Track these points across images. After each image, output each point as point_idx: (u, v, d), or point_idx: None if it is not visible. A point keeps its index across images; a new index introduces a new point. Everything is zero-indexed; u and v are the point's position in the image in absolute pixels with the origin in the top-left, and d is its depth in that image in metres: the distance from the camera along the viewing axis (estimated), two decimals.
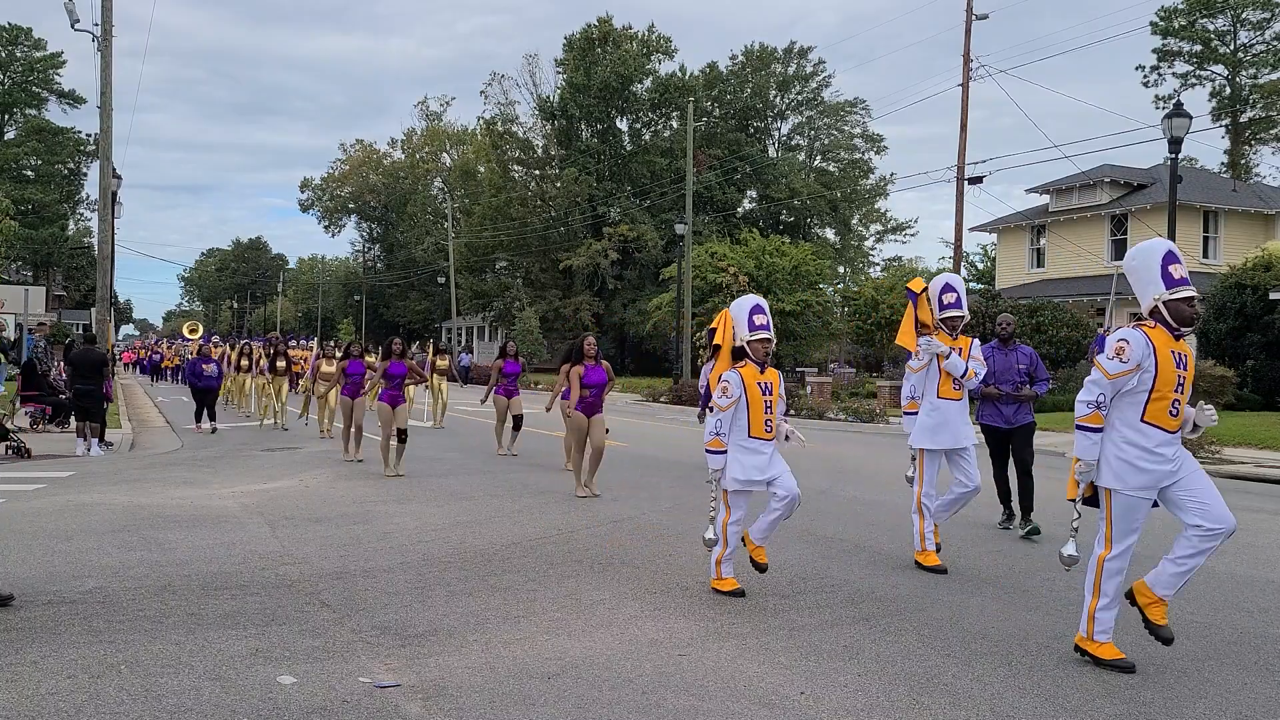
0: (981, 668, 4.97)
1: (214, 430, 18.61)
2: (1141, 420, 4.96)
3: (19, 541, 7.73)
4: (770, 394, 6.27)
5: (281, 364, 19.95)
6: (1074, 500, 5.28)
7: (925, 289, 7.35)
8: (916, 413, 7.25)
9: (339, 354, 19.14)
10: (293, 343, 32.60)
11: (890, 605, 6.18)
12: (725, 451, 6.22)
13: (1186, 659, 5.19)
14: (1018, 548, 8.10)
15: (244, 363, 22.63)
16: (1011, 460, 8.86)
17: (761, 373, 6.30)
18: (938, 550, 7.20)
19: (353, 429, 13.77)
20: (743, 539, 6.46)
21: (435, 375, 19.87)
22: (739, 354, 6.37)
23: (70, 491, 10.52)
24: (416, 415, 19.43)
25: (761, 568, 6.43)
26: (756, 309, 6.34)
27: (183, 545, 7.69)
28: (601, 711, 4.31)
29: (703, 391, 13.59)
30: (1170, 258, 5.02)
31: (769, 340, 6.24)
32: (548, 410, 12.08)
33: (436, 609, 5.94)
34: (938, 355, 7.14)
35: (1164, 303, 4.96)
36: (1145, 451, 4.95)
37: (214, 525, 8.59)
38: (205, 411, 19.15)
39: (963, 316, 7.25)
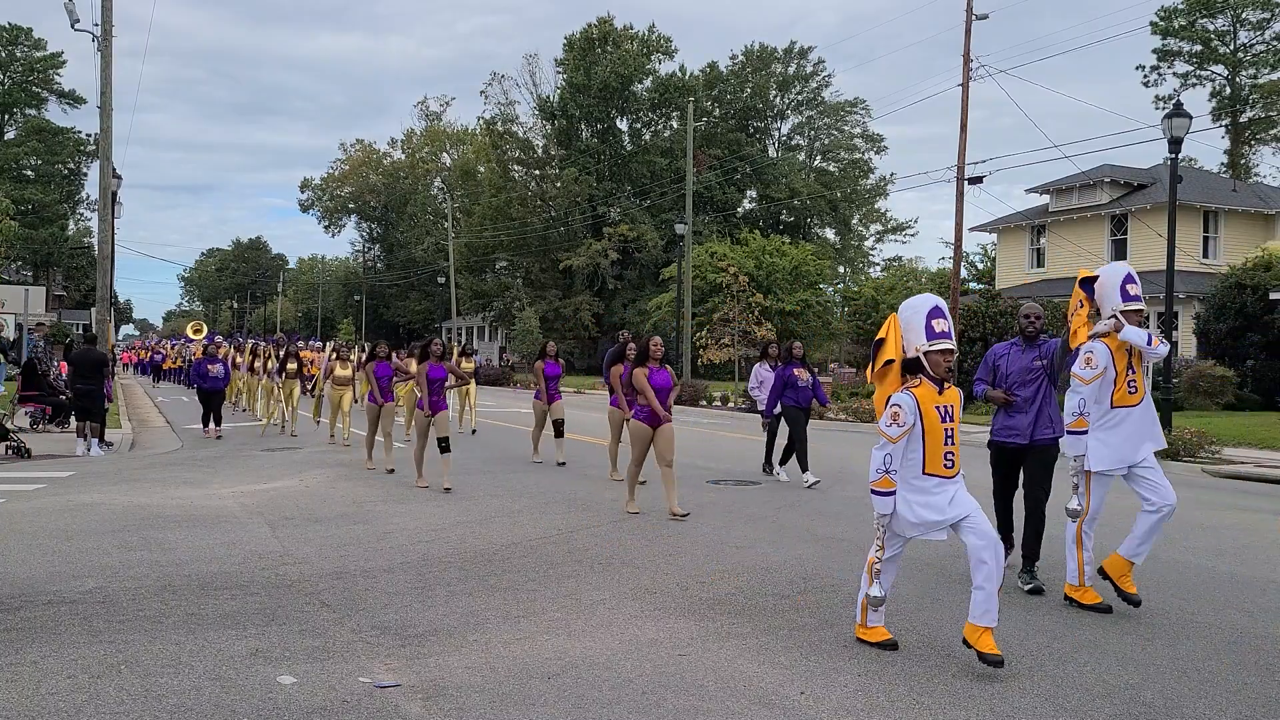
0: (981, 668, 4.97)
1: (219, 436, 17.75)
2: None
3: (19, 541, 7.73)
4: (951, 420, 5.11)
5: (293, 366, 18.46)
6: None
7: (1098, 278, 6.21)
8: (1087, 431, 6.03)
9: (354, 355, 18.23)
10: (299, 343, 31.32)
11: (890, 605, 6.17)
12: (894, 493, 5.13)
13: (1186, 659, 5.19)
14: (1017, 548, 8.08)
15: (256, 364, 21.22)
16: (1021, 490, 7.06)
17: (940, 393, 5.10)
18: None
19: (379, 437, 12.89)
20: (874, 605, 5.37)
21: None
22: (912, 367, 5.15)
23: (70, 491, 10.52)
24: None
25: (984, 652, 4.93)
26: (936, 312, 5.11)
27: (183, 545, 7.69)
28: (601, 711, 4.31)
29: (754, 396, 13.09)
30: None
31: (951, 351, 5.06)
32: (627, 422, 10.08)
33: (436, 609, 5.94)
34: (1106, 336, 5.97)
35: None
36: None
37: (214, 525, 8.59)
38: (213, 414, 18.09)
39: (1144, 310, 6.16)
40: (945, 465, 5.10)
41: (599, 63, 54.10)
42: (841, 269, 62.27)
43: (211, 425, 18.07)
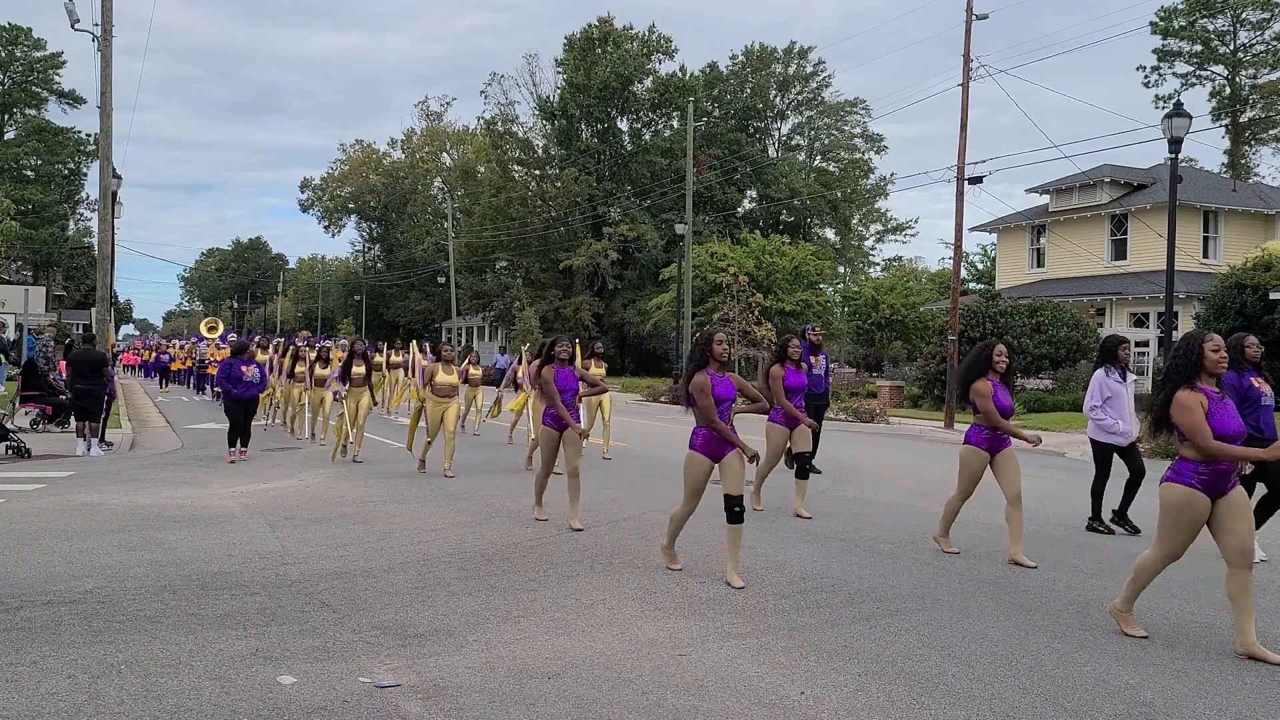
0: (981, 668, 4.97)
1: (244, 458, 13.96)
2: None
3: (19, 541, 7.73)
4: None
5: (360, 370, 13.95)
6: None
7: None
8: None
9: (462, 359, 14.59)
10: (325, 342, 24.35)
11: (890, 605, 6.18)
12: None
13: (1186, 659, 5.19)
14: None
15: (299, 368, 17.25)
16: None
17: None
18: None
19: (549, 474, 9.04)
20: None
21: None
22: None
23: (70, 491, 10.51)
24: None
25: None
26: None
27: (183, 545, 7.69)
28: (601, 711, 4.31)
29: (1094, 420, 8.84)
30: None
31: None
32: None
33: (436, 609, 5.94)
34: None
35: None
36: None
37: (214, 525, 8.59)
38: (242, 430, 14.01)
39: None
40: None
41: (599, 63, 54.09)
42: (841, 269, 62.30)
43: (238, 444, 14.00)
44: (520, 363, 15.24)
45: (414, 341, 13.95)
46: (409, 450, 13.11)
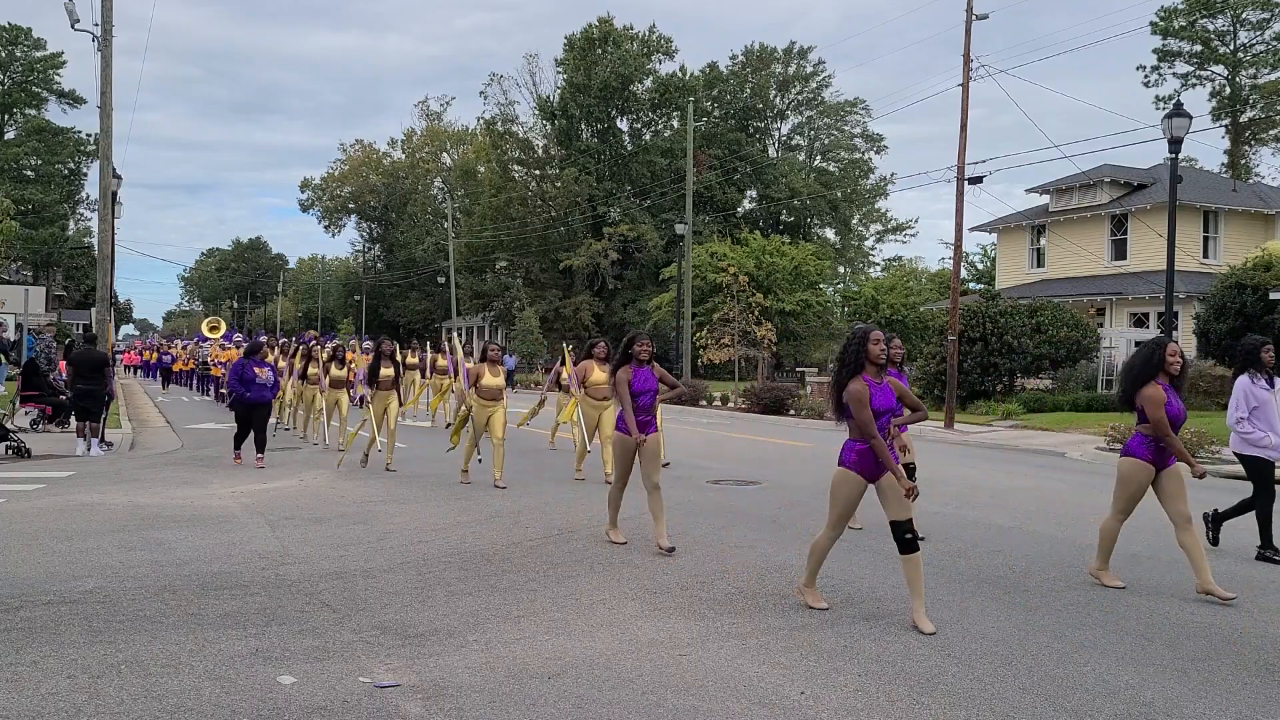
0: (981, 668, 4.97)
1: (262, 465, 13.10)
2: None
3: (19, 541, 7.73)
4: None
5: (388, 372, 13.42)
6: None
7: None
8: None
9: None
10: (312, 342, 23.14)
11: (890, 605, 6.18)
12: None
13: (1186, 659, 5.19)
14: (1018, 548, 8.10)
15: (310, 369, 16.47)
16: None
17: None
18: None
19: (623, 487, 8.03)
20: None
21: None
22: None
23: (70, 491, 10.51)
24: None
25: None
26: None
27: (183, 545, 7.69)
28: (601, 711, 4.31)
29: (1239, 433, 7.99)
30: None
31: None
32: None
33: (436, 609, 5.94)
34: None
35: None
36: None
37: (214, 525, 8.59)
38: (254, 435, 13.20)
39: None
40: None
41: (599, 63, 54.12)
42: (841, 269, 62.37)
43: (251, 450, 13.36)
44: (564, 363, 14.05)
45: (454, 335, 13.08)
46: (449, 452, 12.53)
